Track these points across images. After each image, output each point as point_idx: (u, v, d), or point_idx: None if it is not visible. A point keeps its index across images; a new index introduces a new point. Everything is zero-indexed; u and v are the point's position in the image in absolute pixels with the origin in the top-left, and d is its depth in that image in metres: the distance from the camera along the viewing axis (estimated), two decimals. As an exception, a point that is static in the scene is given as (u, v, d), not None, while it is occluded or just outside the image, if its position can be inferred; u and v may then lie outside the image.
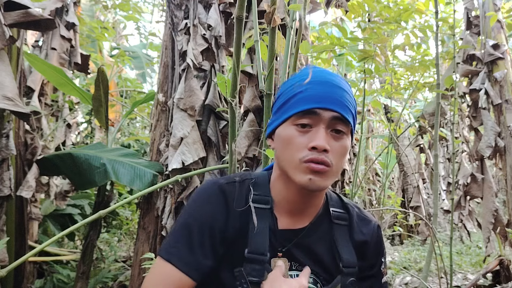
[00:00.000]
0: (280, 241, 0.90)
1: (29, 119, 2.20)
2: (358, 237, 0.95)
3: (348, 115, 0.85)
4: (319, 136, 0.82)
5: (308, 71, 0.90)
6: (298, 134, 0.84)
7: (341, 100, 0.85)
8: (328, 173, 0.83)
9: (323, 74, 0.89)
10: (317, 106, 0.83)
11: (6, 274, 1.60)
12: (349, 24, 5.75)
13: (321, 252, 0.92)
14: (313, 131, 0.84)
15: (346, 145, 0.86)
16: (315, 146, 0.81)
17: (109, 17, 8.36)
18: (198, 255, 0.85)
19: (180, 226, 0.88)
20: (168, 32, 2.96)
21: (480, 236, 6.62)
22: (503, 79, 3.84)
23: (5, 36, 2.03)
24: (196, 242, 0.86)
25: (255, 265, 0.85)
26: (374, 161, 7.87)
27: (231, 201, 0.89)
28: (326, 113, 0.83)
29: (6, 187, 2.31)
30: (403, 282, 4.44)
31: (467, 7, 4.21)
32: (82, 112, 5.95)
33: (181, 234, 0.87)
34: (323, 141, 0.82)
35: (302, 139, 0.84)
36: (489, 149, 3.77)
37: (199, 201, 0.90)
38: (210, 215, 0.88)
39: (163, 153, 2.78)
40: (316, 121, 0.84)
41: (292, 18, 1.80)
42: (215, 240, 0.87)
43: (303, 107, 0.84)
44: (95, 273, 3.49)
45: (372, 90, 4.23)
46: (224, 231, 0.87)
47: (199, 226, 0.86)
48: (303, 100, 0.85)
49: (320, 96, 0.84)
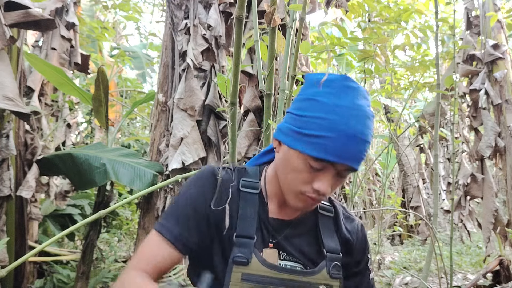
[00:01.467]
0: (270, 231, 0.94)
1: (29, 119, 2.20)
2: (343, 234, 1.00)
3: (359, 165, 0.87)
4: (325, 182, 0.85)
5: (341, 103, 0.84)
6: (307, 170, 0.86)
7: (360, 156, 0.85)
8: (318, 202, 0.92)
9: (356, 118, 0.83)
10: (336, 161, 0.83)
11: (6, 274, 1.60)
12: (349, 24, 5.76)
13: (308, 244, 0.96)
14: (321, 174, 0.85)
15: (343, 181, 0.91)
16: (319, 191, 0.85)
17: (109, 17, 8.36)
18: (183, 229, 0.91)
19: (173, 203, 0.97)
20: (168, 32, 2.96)
21: (480, 236, 6.62)
22: (503, 79, 3.85)
23: (5, 36, 2.03)
24: (182, 216, 0.92)
25: (243, 248, 0.88)
26: (374, 161, 7.87)
27: (222, 183, 0.94)
28: (341, 167, 0.85)
29: (6, 187, 2.31)
30: (403, 282, 4.44)
31: (467, 7, 4.22)
32: (82, 112, 5.95)
33: (171, 209, 0.95)
34: (328, 188, 0.86)
35: (309, 176, 0.86)
36: (489, 149, 3.77)
37: (192, 181, 0.97)
38: (198, 194, 0.93)
39: (163, 153, 2.78)
40: (328, 168, 0.85)
41: (292, 18, 1.80)
42: (199, 217, 0.92)
43: (323, 156, 0.83)
44: (95, 273, 3.49)
45: (372, 90, 4.24)
46: (209, 211, 0.92)
47: (187, 203, 0.93)
48: (325, 148, 0.82)
49: (343, 151, 0.83)
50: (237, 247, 0.88)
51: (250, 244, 0.89)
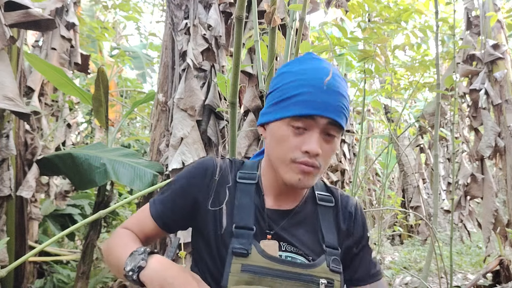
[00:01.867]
0: (268, 221, 0.93)
1: (29, 119, 2.20)
2: (345, 212, 1.00)
3: (342, 120, 0.89)
4: (313, 141, 0.86)
5: (307, 66, 0.91)
6: (292, 135, 0.87)
7: (338, 107, 0.87)
8: (316, 173, 0.89)
9: (323, 72, 0.89)
10: (315, 113, 0.85)
11: (6, 274, 1.60)
12: (349, 24, 5.76)
13: (307, 234, 0.95)
14: (307, 134, 0.87)
15: (335, 147, 0.91)
16: (309, 151, 0.85)
17: (109, 17, 8.36)
18: (167, 208, 0.97)
19: (168, 183, 1.03)
20: (168, 32, 2.96)
21: (480, 236, 6.62)
22: (503, 79, 3.85)
23: (5, 36, 2.03)
24: (170, 198, 0.98)
25: (242, 239, 0.88)
26: (374, 161, 7.87)
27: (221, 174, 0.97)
28: (322, 120, 0.86)
29: (6, 187, 2.31)
30: (403, 282, 4.44)
31: (467, 7, 4.22)
32: (82, 112, 5.95)
33: (166, 187, 1.01)
34: (316, 146, 0.85)
35: (296, 140, 0.87)
36: (489, 149, 3.77)
37: (189, 168, 1.01)
38: (191, 180, 0.97)
39: (163, 153, 2.77)
40: (311, 125, 0.87)
41: (292, 18, 1.80)
42: (187, 202, 0.95)
43: (301, 112, 0.86)
44: (95, 273, 3.49)
45: (372, 90, 4.23)
46: (200, 198, 0.95)
47: (177, 186, 0.98)
48: (302, 104, 0.86)
49: (319, 102, 0.86)
50: (236, 238, 0.88)
51: (249, 235, 0.89)
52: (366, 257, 1.02)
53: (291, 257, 0.91)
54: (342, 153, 6.22)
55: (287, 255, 0.91)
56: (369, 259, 1.02)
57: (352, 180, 4.17)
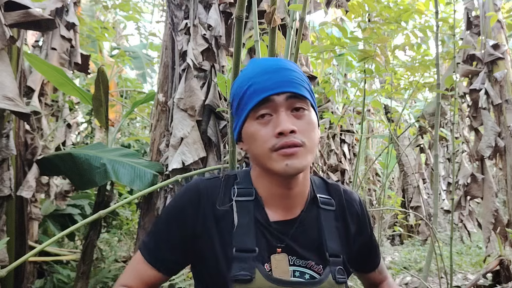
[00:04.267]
0: (276, 235, 0.88)
1: (29, 119, 2.20)
2: (352, 213, 0.98)
3: (302, 91, 0.85)
4: (281, 120, 0.82)
5: (250, 65, 0.91)
6: (261, 126, 0.84)
7: (290, 79, 0.85)
8: (302, 152, 0.83)
9: (265, 62, 0.89)
10: (270, 93, 0.83)
11: (6, 274, 1.60)
12: (349, 24, 5.75)
13: (314, 239, 0.91)
14: (274, 118, 0.84)
15: (311, 120, 0.86)
16: (281, 131, 0.81)
17: (109, 17, 8.36)
18: (163, 249, 0.89)
19: (155, 221, 0.95)
20: (168, 32, 2.96)
21: (480, 236, 6.62)
22: (503, 79, 3.84)
23: (5, 36, 2.03)
24: (163, 236, 0.90)
25: (244, 263, 0.82)
26: (374, 161, 7.87)
27: (209, 197, 0.90)
28: (281, 97, 0.83)
29: (6, 187, 2.31)
30: (403, 282, 4.44)
31: (467, 7, 4.21)
32: (82, 112, 5.95)
33: (154, 228, 0.93)
34: (286, 123, 0.81)
35: (266, 130, 0.84)
36: (489, 149, 3.77)
37: (176, 197, 0.94)
38: (181, 210, 0.90)
39: (163, 153, 2.78)
40: (273, 108, 0.84)
41: (292, 18, 1.80)
42: (184, 233, 0.88)
43: (256, 99, 0.84)
44: (95, 273, 3.49)
45: (372, 90, 4.23)
46: (192, 226, 0.88)
47: (168, 221, 0.90)
48: (254, 93, 0.85)
49: (269, 82, 0.84)
50: (237, 262, 0.82)
51: (252, 258, 0.83)
52: (373, 249, 1.06)
53: (299, 271, 0.88)
54: (342, 153, 6.22)
55: (295, 270, 0.87)
56: (375, 250, 1.07)
57: (352, 180, 4.17)
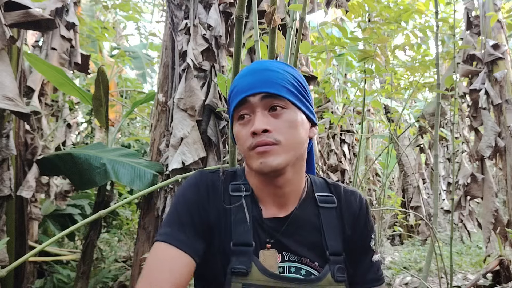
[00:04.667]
0: (267, 231, 0.90)
1: (29, 119, 2.20)
2: (349, 213, 0.96)
3: (279, 90, 0.87)
4: (255, 120, 0.85)
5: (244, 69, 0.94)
6: (242, 127, 0.89)
7: (268, 80, 0.87)
8: (276, 150, 0.84)
9: (253, 65, 0.93)
10: (246, 95, 0.87)
11: (6, 274, 1.60)
12: (349, 24, 5.75)
13: (310, 239, 0.91)
14: (252, 118, 0.87)
15: (289, 118, 0.87)
16: (253, 131, 0.84)
17: (109, 17, 8.36)
18: (190, 236, 0.87)
19: (171, 211, 0.91)
20: (168, 32, 2.96)
21: (480, 236, 6.62)
22: (503, 79, 3.84)
23: (5, 36, 2.03)
24: (186, 223, 0.88)
25: (241, 257, 0.85)
26: (374, 161, 7.86)
27: (214, 189, 0.92)
28: (255, 98, 0.87)
29: (6, 187, 2.31)
30: (403, 282, 4.44)
31: (467, 7, 4.22)
32: (82, 112, 5.95)
33: (173, 218, 0.90)
34: (258, 123, 0.84)
35: (246, 130, 0.87)
36: (489, 149, 3.77)
37: (186, 187, 0.94)
38: (195, 199, 0.91)
39: (163, 153, 2.78)
40: (250, 109, 0.88)
41: (292, 18, 1.80)
42: (201, 220, 0.89)
43: (235, 101, 0.89)
44: (95, 273, 3.49)
45: (372, 90, 4.23)
46: (207, 216, 0.89)
47: (186, 208, 0.89)
48: (235, 95, 0.90)
49: (247, 84, 0.88)
50: (235, 256, 0.85)
51: (248, 252, 0.85)
52: (365, 260, 0.96)
53: (295, 267, 0.88)
54: (342, 153, 6.22)
55: (291, 265, 0.88)
56: (368, 262, 0.96)
57: (352, 180, 4.17)
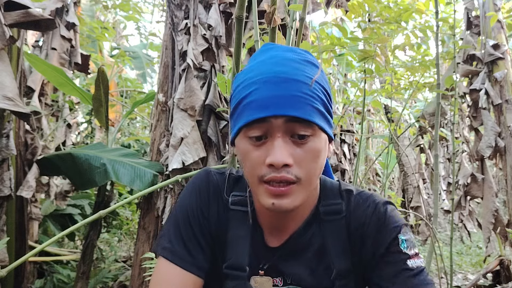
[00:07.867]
0: (263, 254, 0.81)
1: (29, 119, 2.19)
2: (356, 220, 0.81)
3: (310, 114, 0.68)
4: (275, 149, 0.67)
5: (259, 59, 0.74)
6: (252, 148, 0.70)
7: (296, 98, 0.67)
8: (294, 190, 0.69)
9: (270, 63, 0.71)
10: (266, 115, 0.67)
11: (6, 274, 1.60)
12: (349, 24, 5.75)
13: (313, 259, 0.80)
14: (269, 142, 0.69)
15: (314, 148, 0.70)
16: (272, 163, 0.67)
17: (109, 17, 8.36)
18: (194, 252, 0.79)
19: (172, 221, 0.83)
20: (168, 32, 2.96)
21: (480, 236, 6.62)
22: (503, 79, 3.84)
23: (5, 36, 2.03)
24: (188, 238, 0.80)
25: (235, 280, 0.78)
26: (374, 161, 7.86)
27: (216, 195, 0.83)
28: (278, 120, 0.67)
29: (6, 187, 2.31)
30: (403, 282, 4.43)
31: (467, 7, 4.22)
32: (82, 112, 5.95)
33: (174, 231, 0.81)
34: (280, 155, 0.66)
35: (257, 154, 0.70)
36: (489, 149, 3.77)
37: (188, 190, 0.84)
38: (195, 206, 0.81)
39: (163, 153, 2.78)
40: (269, 130, 0.69)
41: (292, 18, 1.80)
42: (202, 231, 0.81)
43: (249, 118, 0.69)
44: (95, 273, 3.49)
45: (373, 90, 4.23)
46: (208, 224, 0.81)
47: (187, 219, 0.80)
48: (249, 108, 0.69)
49: (267, 98, 0.67)
50: (229, 280, 0.78)
51: (242, 277, 0.77)
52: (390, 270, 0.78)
53: None
54: (342, 153, 6.22)
55: None
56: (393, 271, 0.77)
57: (352, 180, 4.17)
